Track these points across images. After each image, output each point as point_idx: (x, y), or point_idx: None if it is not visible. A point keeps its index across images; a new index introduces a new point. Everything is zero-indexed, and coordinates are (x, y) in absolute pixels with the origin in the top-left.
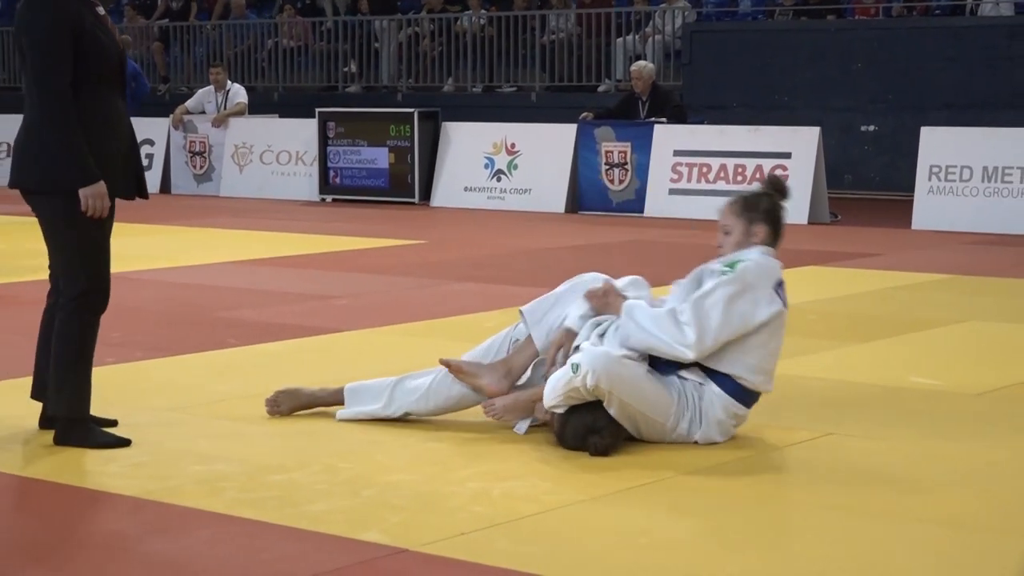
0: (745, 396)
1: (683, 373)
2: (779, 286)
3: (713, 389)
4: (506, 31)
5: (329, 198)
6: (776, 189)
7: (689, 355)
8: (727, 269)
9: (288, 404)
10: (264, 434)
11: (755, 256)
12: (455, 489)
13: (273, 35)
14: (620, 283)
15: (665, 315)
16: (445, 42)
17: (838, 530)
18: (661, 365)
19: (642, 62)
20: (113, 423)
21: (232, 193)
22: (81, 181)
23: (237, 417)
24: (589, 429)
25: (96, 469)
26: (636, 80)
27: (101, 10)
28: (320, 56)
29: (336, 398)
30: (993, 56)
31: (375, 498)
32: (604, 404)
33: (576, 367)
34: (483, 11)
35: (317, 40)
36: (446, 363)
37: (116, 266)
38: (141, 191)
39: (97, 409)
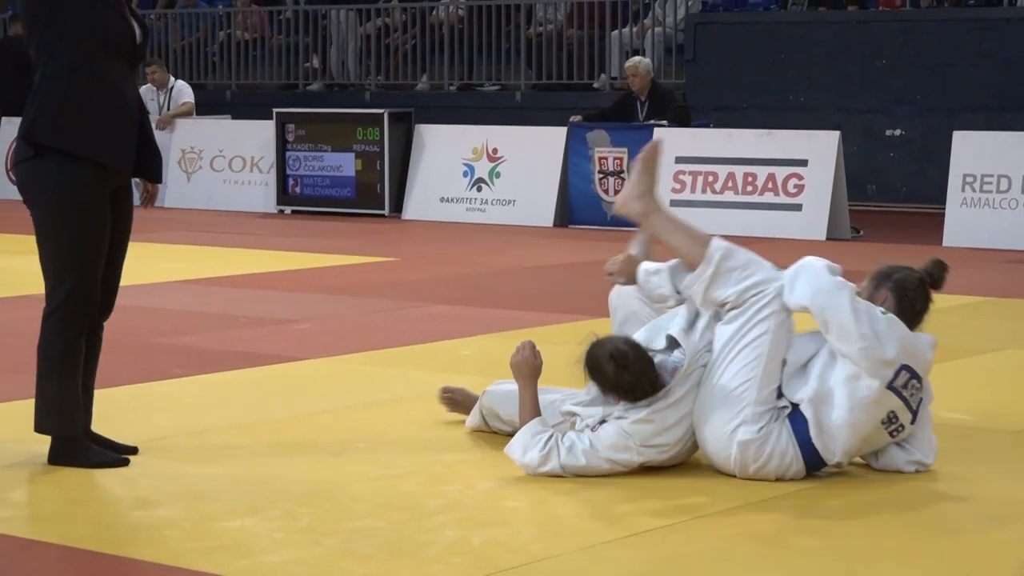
0: (812, 456)
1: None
2: (907, 370)
3: (787, 425)
4: (487, 23)
5: (288, 210)
6: (930, 272)
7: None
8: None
9: (461, 401)
10: (213, 476)
11: (927, 338)
12: (429, 537)
13: (225, 26)
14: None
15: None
16: (419, 35)
17: None
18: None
19: (637, 58)
20: (133, 450)
21: (178, 204)
22: None
23: (182, 457)
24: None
25: (20, 514)
26: (632, 78)
27: None
28: (278, 50)
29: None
30: None
31: (339, 547)
32: (727, 287)
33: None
34: (461, 0)
35: (275, 32)
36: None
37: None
38: None
39: (10, 449)
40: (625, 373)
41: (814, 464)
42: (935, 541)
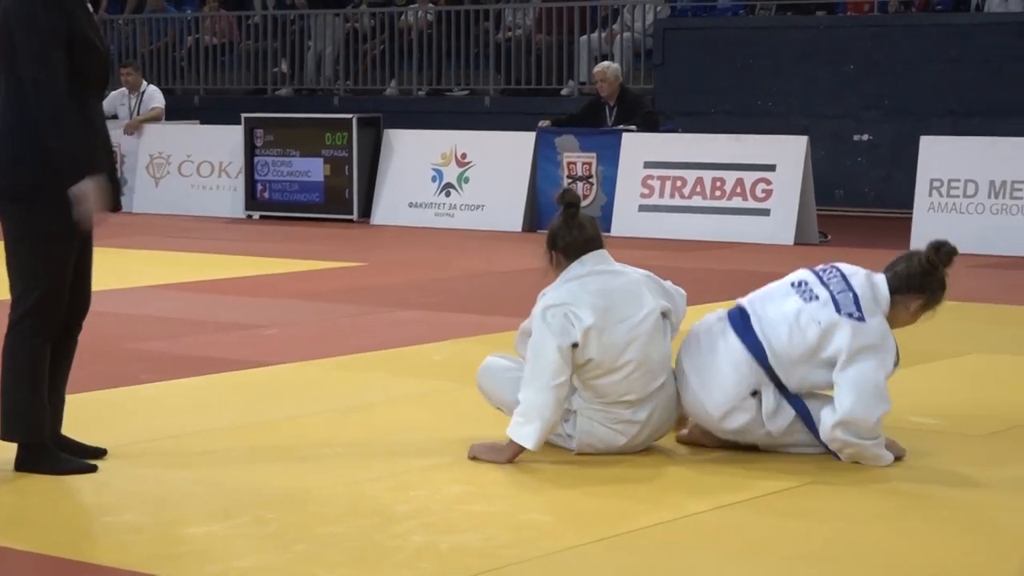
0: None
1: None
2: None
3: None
4: (456, 27)
5: (256, 215)
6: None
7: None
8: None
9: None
10: (180, 481)
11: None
12: (398, 543)
13: (194, 31)
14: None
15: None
16: (388, 39)
17: None
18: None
19: (606, 63)
20: (101, 452)
21: (146, 209)
22: None
23: (150, 462)
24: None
25: None
26: (600, 83)
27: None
28: (247, 55)
29: None
30: (1001, 57)
31: (307, 553)
32: None
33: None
34: (431, 5)
35: (243, 37)
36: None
37: (6, 292)
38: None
39: None
40: (573, 217)
41: (741, 324)
42: (911, 543)
